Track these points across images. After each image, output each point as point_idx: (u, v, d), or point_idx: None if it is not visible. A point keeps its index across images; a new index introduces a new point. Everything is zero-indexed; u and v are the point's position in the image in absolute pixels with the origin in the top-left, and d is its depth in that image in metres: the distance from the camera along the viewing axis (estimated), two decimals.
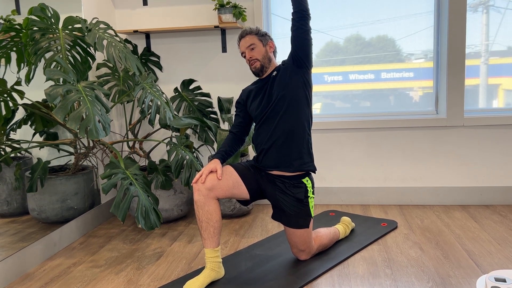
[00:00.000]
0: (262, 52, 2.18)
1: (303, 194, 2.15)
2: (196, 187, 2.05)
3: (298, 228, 2.16)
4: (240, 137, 2.29)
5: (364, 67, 3.21)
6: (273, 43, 2.23)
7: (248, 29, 2.21)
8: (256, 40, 2.17)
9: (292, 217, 2.15)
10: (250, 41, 2.17)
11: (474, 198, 3.10)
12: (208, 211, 2.04)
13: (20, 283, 2.18)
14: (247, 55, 2.18)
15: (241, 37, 2.20)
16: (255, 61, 2.17)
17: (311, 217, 2.18)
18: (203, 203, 2.04)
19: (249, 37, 2.18)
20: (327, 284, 2.03)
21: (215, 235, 2.05)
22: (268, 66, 2.20)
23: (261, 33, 2.20)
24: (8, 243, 2.23)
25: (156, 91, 2.76)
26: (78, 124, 2.10)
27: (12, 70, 2.29)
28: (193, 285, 1.97)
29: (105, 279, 2.18)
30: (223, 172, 2.11)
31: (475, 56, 3.07)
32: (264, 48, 2.18)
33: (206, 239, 2.05)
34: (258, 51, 2.17)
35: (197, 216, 2.06)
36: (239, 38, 2.21)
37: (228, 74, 3.26)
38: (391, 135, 3.14)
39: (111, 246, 2.62)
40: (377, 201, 3.21)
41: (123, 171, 2.42)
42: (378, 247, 2.42)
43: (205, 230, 2.05)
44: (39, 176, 2.46)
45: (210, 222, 2.04)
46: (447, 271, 2.10)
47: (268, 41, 2.21)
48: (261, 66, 2.18)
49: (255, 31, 2.20)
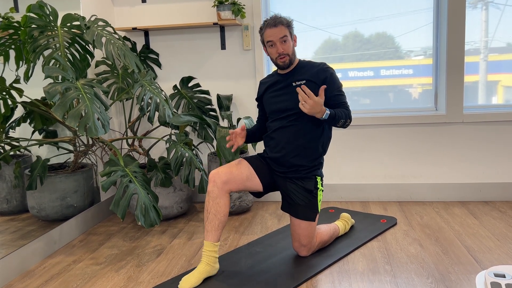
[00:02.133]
0: (291, 47, 2.10)
1: (313, 185, 2.17)
2: (212, 178, 2.07)
3: (305, 220, 2.17)
4: (264, 126, 2.35)
5: (363, 64, 3.21)
6: (295, 36, 2.15)
7: (280, 17, 2.07)
8: (288, 33, 2.07)
9: (300, 208, 2.16)
10: (283, 33, 2.05)
11: (474, 195, 3.10)
12: (219, 203, 2.05)
13: (20, 280, 2.18)
14: (278, 47, 2.06)
15: (273, 26, 2.05)
16: (285, 56, 2.09)
17: (318, 211, 2.20)
18: (216, 195, 2.05)
19: (282, 28, 2.05)
20: (327, 281, 2.03)
21: (218, 229, 2.05)
22: (293, 61, 2.15)
23: (291, 25, 2.09)
24: (8, 241, 2.23)
25: (155, 88, 2.76)
26: (77, 122, 2.10)
27: (10, 68, 2.29)
28: (189, 281, 1.97)
29: (105, 276, 2.18)
30: (239, 165, 2.14)
31: (475, 53, 3.07)
32: (292, 42, 2.10)
33: (209, 231, 2.06)
34: (288, 46, 2.08)
35: (206, 207, 2.07)
36: (268, 26, 2.06)
37: (227, 71, 3.26)
38: (391, 131, 3.14)
39: (111, 243, 2.62)
40: (377, 198, 3.21)
41: (122, 168, 2.42)
42: (377, 244, 2.42)
43: (210, 222, 2.05)
44: (39, 174, 2.46)
45: (217, 215, 2.05)
46: (446, 267, 2.11)
47: (293, 34, 2.13)
48: (289, 62, 2.12)
49: (285, 22, 2.07)
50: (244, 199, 3.01)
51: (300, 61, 2.20)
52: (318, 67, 2.14)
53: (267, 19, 2.10)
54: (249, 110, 3.26)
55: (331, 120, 2.03)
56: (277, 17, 2.07)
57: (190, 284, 1.96)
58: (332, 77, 2.12)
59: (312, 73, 2.13)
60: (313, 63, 2.18)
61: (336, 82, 2.13)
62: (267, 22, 2.08)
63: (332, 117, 2.02)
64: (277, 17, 2.07)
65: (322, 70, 2.12)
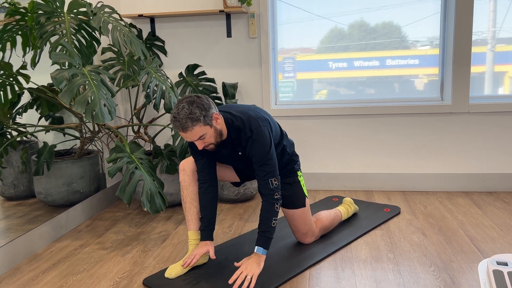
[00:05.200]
0: (213, 136, 1.85)
1: (292, 180, 2.18)
2: (181, 167, 2.06)
3: (296, 208, 2.18)
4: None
5: (369, 53, 3.19)
6: (216, 114, 1.84)
7: (185, 119, 1.75)
8: (202, 131, 1.79)
9: (287, 199, 2.18)
10: (197, 135, 1.80)
11: (478, 185, 3.11)
12: (193, 191, 2.04)
13: (28, 264, 2.21)
14: (198, 145, 1.85)
15: (182, 130, 1.78)
16: (210, 145, 1.88)
17: (305, 196, 2.21)
18: (188, 184, 2.05)
19: (192, 131, 1.78)
20: (330, 268, 2.05)
21: (198, 216, 2.06)
22: (224, 136, 1.93)
23: (200, 118, 1.77)
24: (16, 225, 2.26)
25: (161, 75, 2.76)
26: (84, 108, 2.11)
27: (17, 54, 2.30)
28: (175, 270, 1.98)
29: (112, 260, 2.21)
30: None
31: (482, 43, 3.05)
32: (212, 129, 1.83)
33: (190, 220, 2.06)
34: (209, 138, 1.84)
35: (181, 197, 2.08)
36: (177, 128, 1.79)
37: (233, 59, 3.26)
38: (396, 121, 3.14)
39: (116, 229, 2.65)
40: (381, 187, 3.22)
41: (128, 155, 2.44)
42: (381, 232, 2.44)
43: (188, 211, 2.06)
44: (45, 159, 2.48)
45: (193, 203, 2.05)
46: (449, 256, 2.12)
47: (211, 117, 1.81)
48: (217, 144, 1.91)
49: (193, 122, 1.76)
50: (249, 186, 3.03)
51: (228, 128, 1.94)
52: (246, 136, 1.92)
53: (173, 114, 1.79)
54: (254, 98, 3.27)
55: (270, 241, 1.93)
56: (181, 119, 1.76)
57: (176, 271, 1.97)
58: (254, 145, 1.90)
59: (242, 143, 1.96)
60: (241, 126, 1.92)
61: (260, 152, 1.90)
62: (173, 121, 1.79)
63: (269, 240, 1.92)
64: (181, 119, 1.76)
65: (249, 138, 1.92)
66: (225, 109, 2.00)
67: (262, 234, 1.90)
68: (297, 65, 3.29)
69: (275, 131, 2.02)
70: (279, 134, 2.07)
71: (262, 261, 1.91)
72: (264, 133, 1.90)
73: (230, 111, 1.96)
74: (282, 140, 2.10)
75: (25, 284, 2.00)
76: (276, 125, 2.08)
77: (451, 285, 1.85)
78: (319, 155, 3.27)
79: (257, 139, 1.88)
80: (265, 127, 1.92)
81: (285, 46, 3.28)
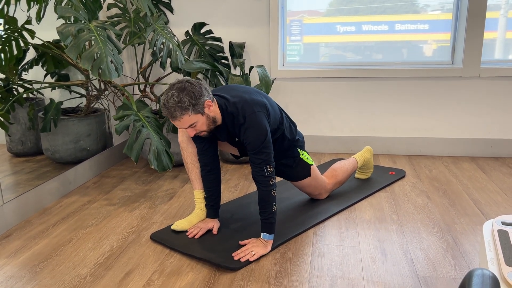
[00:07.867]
0: (205, 123, 1.81)
1: (292, 161, 2.17)
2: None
3: (301, 180, 2.20)
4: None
5: (378, 17, 3.11)
6: (209, 101, 1.78)
7: (173, 108, 1.71)
8: (192, 119, 1.75)
9: (291, 172, 2.18)
10: (187, 123, 1.76)
11: (484, 150, 3.10)
12: (192, 152, 2.04)
13: (39, 217, 2.26)
14: (190, 132, 1.81)
15: (172, 119, 1.76)
16: (202, 132, 1.84)
17: (309, 165, 2.20)
18: (187, 145, 2.03)
19: (181, 119, 1.74)
20: (334, 227, 2.08)
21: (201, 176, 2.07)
22: (217, 122, 1.87)
23: (189, 107, 1.72)
24: (24, 181, 2.29)
25: (168, 33, 2.72)
26: (91, 64, 2.09)
27: (22, 8, 2.26)
28: (181, 224, 2.02)
29: (120, 216, 2.25)
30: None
31: (495, 9, 2.96)
32: (203, 116, 1.78)
33: (193, 180, 2.07)
34: (201, 125, 1.80)
35: (182, 158, 2.07)
36: (167, 116, 1.77)
37: (240, 17, 3.19)
38: (405, 84, 3.10)
39: (124, 186, 2.68)
40: (387, 150, 3.22)
41: (135, 113, 2.44)
42: (385, 194, 2.46)
43: (191, 172, 2.06)
44: (52, 116, 2.49)
45: (195, 163, 2.05)
46: (452, 218, 2.15)
47: (203, 105, 1.76)
48: (211, 130, 1.87)
49: (181, 111, 1.71)
50: None
51: (222, 113, 1.88)
52: (238, 123, 1.86)
53: (162, 101, 1.76)
54: (262, 58, 3.22)
55: (274, 226, 1.87)
56: (170, 107, 1.72)
57: (182, 225, 2.02)
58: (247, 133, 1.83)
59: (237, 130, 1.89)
60: (235, 113, 1.86)
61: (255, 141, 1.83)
62: (162, 108, 1.76)
63: (273, 225, 1.86)
64: (170, 107, 1.72)
65: (242, 126, 1.85)
66: (222, 92, 1.93)
67: (265, 221, 1.84)
68: (304, 28, 3.22)
69: (273, 117, 1.95)
70: (278, 119, 2.00)
71: (270, 244, 1.86)
72: (259, 120, 1.81)
73: (225, 96, 1.90)
74: (282, 125, 2.04)
75: (36, 236, 2.05)
76: (276, 108, 1.99)
77: (453, 246, 1.88)
78: (327, 118, 3.25)
79: (250, 126, 1.80)
80: (260, 113, 1.83)
81: (293, 9, 3.20)
